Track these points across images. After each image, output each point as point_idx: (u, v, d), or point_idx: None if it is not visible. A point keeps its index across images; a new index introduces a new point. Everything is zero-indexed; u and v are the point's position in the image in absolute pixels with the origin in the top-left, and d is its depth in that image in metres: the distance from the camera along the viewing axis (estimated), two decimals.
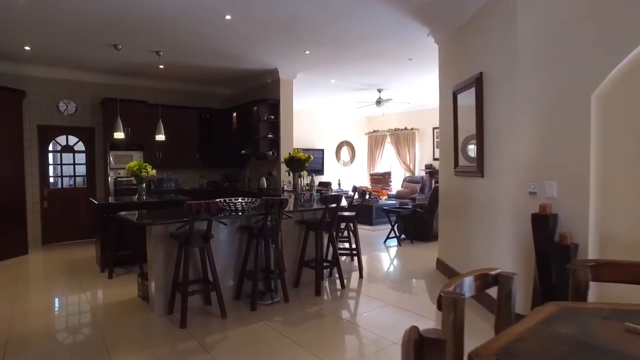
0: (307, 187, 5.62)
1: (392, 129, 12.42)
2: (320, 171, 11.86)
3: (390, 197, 10.96)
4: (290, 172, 5.52)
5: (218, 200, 3.94)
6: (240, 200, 4.15)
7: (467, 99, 4.30)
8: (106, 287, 4.70)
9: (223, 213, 3.95)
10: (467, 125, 4.26)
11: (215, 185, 8.54)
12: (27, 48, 5.89)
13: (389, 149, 12.74)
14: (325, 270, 4.85)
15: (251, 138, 7.52)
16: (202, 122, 8.29)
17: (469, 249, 4.32)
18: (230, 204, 3.95)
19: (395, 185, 11.99)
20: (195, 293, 3.66)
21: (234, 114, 8.15)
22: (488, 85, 3.85)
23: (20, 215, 6.46)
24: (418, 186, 10.94)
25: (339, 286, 4.66)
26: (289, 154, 5.38)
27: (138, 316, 3.76)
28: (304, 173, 5.50)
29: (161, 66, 6.70)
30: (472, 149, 4.49)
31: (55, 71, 7.03)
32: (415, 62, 6.78)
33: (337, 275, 4.66)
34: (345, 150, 12.99)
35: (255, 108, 7.33)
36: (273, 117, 7.28)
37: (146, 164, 5.49)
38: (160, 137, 6.34)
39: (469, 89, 4.20)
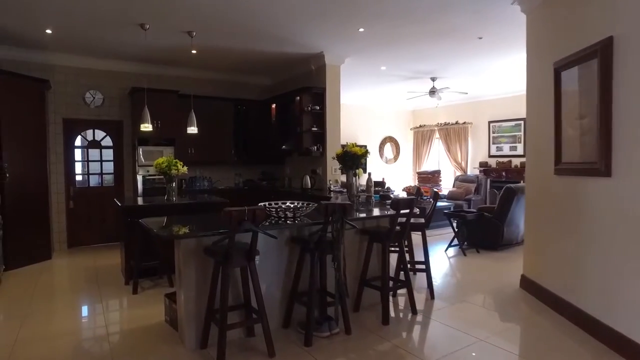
0: (362, 188, 4.77)
1: (441, 124, 11.36)
2: (363, 170, 10.95)
3: (441, 197, 9.93)
4: (343, 170, 4.66)
5: (263, 204, 3.13)
6: (289, 204, 3.33)
7: (579, 75, 3.32)
8: (129, 306, 3.99)
9: (269, 221, 3.14)
10: (585, 107, 3.27)
11: (252, 184, 7.78)
12: (48, 31, 5.28)
13: (437, 145, 11.69)
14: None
15: (293, 132, 6.70)
16: (238, 115, 7.53)
17: (581, 270, 3.33)
18: (279, 210, 3.13)
19: (445, 185, 10.94)
20: (236, 326, 2.84)
21: (273, 106, 7.35)
22: (624, 52, 2.85)
23: (44, 216, 5.88)
24: (473, 186, 9.86)
25: (407, 310, 3.77)
26: (342, 147, 4.53)
27: (163, 350, 2.99)
28: (360, 171, 4.62)
29: (193, 51, 5.96)
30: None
31: (80, 59, 6.44)
32: (485, 41, 5.77)
33: (397, 293, 3.79)
34: (388, 147, 12.02)
35: (298, 98, 6.50)
36: (318, 107, 6.43)
37: (176, 160, 4.76)
38: (193, 130, 5.61)
39: (586, 61, 3.21)
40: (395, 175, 11.67)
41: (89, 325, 3.57)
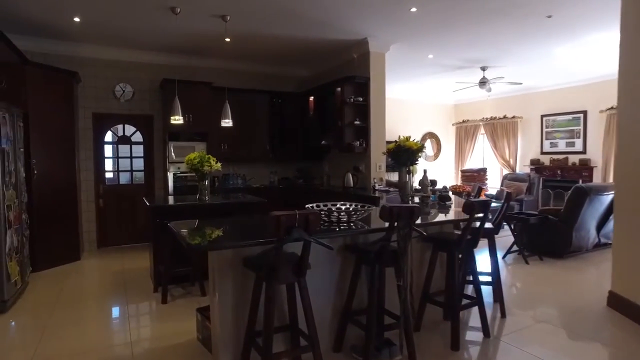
0: (417, 187, 4.21)
1: (486, 118, 10.59)
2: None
3: (488, 197, 9.18)
4: (394, 167, 4.11)
5: (310, 206, 2.63)
6: (340, 206, 2.81)
7: None
8: (157, 318, 3.57)
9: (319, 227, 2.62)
10: None
11: (287, 182, 7.31)
12: (76, 19, 4.96)
13: (481, 141, 10.91)
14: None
15: (333, 126, 6.17)
16: (274, 109, 7.06)
17: None
18: (332, 214, 2.61)
19: (492, 184, 10.17)
20: (283, 356, 2.33)
21: (311, 99, 6.83)
22: None
23: (73, 215, 5.60)
24: (524, 185, 9.04)
25: (476, 330, 3.20)
26: (395, 142, 3.97)
27: None
28: (414, 168, 4.05)
29: (227, 39, 5.54)
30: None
31: (109, 51, 6.13)
32: (555, 20, 5.07)
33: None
34: (429, 144, 11.32)
35: (339, 89, 5.96)
36: (361, 99, 5.88)
37: (209, 156, 4.32)
38: (227, 122, 5.17)
39: None
40: (437, 174, 10.96)
41: (112, 341, 3.16)
